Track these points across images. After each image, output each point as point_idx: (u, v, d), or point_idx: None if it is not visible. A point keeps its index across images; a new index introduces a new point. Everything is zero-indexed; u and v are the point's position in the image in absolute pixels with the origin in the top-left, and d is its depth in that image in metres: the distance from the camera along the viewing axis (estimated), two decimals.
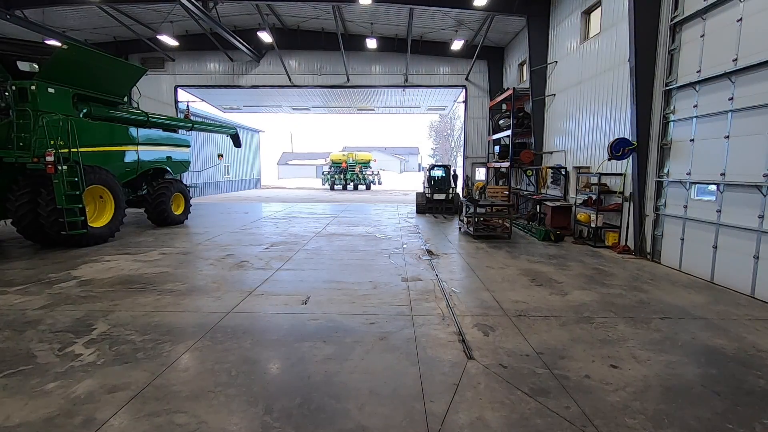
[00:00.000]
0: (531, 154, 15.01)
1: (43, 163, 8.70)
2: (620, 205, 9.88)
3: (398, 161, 73.28)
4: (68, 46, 9.67)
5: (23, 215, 8.93)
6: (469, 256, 9.12)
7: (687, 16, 7.85)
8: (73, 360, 4.07)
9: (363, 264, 8.20)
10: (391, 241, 10.78)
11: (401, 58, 20.06)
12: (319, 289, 6.51)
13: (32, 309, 5.50)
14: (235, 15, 17.83)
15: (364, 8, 16.25)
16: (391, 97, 25.46)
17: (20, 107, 9.02)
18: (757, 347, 4.58)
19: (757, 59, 6.32)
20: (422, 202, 16.84)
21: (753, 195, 6.47)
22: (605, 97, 10.55)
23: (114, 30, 18.56)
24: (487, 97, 20.36)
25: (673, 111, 8.35)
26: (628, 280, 7.27)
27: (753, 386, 3.76)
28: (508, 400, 3.45)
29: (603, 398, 3.51)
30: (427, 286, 6.79)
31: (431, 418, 3.20)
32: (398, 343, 4.54)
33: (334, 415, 3.23)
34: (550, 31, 14.14)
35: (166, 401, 3.38)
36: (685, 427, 3.15)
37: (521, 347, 4.48)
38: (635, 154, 8.95)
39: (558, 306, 5.84)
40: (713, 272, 7.23)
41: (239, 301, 5.86)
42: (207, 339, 4.59)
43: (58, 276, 7.10)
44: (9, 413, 3.20)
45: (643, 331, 4.99)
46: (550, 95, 14.13)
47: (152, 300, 5.91)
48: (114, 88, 11.34)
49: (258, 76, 21.07)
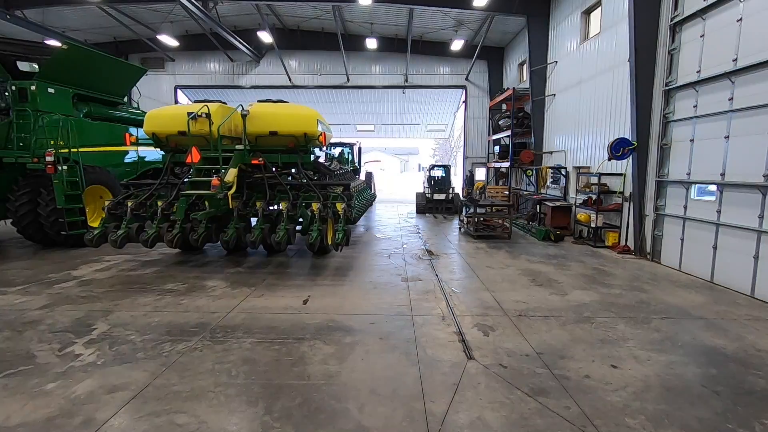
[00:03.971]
0: (531, 154, 15.01)
1: (43, 163, 8.69)
2: (620, 205, 9.88)
3: (398, 161, 73.39)
4: (68, 46, 9.66)
5: (23, 215, 8.93)
6: (469, 256, 9.12)
7: (687, 16, 7.85)
8: (73, 360, 4.07)
9: (363, 264, 8.20)
10: (390, 241, 10.78)
11: (401, 58, 20.06)
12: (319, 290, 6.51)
13: (32, 309, 5.50)
14: (235, 15, 17.82)
15: (364, 8, 16.25)
16: (390, 109, 26.22)
17: (20, 107, 9.01)
18: (757, 347, 4.58)
19: (757, 59, 6.33)
20: (422, 202, 16.84)
21: (753, 195, 6.47)
22: (605, 97, 10.55)
23: (114, 30, 18.56)
24: (487, 97, 20.36)
25: (672, 111, 8.35)
26: (628, 280, 7.27)
27: (753, 386, 3.76)
28: (508, 400, 3.45)
29: (603, 398, 3.51)
30: (427, 286, 6.79)
31: (431, 418, 3.20)
32: (398, 343, 4.54)
33: (334, 415, 3.23)
34: (550, 31, 14.14)
35: (166, 401, 3.38)
36: (685, 427, 3.15)
37: (521, 347, 4.48)
38: (635, 154, 8.96)
39: (558, 306, 5.84)
40: (713, 272, 7.23)
41: (240, 301, 5.87)
42: (207, 339, 4.59)
43: (58, 276, 7.10)
44: (9, 413, 3.20)
45: (643, 331, 4.99)
46: (550, 95, 14.13)
47: (152, 300, 5.91)
48: (114, 88, 11.33)
49: (258, 77, 21.07)
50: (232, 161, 7.58)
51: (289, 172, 9.12)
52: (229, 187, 7.21)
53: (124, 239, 7.20)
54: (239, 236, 7.43)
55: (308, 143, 8.27)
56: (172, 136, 8.00)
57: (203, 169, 7.67)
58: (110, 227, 7.42)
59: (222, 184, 7.05)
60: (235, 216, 7.58)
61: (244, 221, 7.86)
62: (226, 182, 7.15)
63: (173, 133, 7.92)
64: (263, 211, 7.63)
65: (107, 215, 7.58)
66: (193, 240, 7.17)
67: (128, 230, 7.29)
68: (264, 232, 7.32)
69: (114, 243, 7.09)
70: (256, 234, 7.22)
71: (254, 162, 7.89)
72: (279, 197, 7.89)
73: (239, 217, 7.65)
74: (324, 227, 7.41)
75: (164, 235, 7.14)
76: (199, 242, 7.21)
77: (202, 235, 7.27)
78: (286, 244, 7.22)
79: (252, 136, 8.09)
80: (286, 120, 8.06)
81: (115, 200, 7.75)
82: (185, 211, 7.36)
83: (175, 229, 7.21)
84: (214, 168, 7.57)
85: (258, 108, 8.12)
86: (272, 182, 8.16)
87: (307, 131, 8.05)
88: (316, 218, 7.34)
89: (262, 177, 8.06)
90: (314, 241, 6.99)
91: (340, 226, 7.40)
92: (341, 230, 7.31)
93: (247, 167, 8.13)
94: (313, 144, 8.42)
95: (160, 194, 7.91)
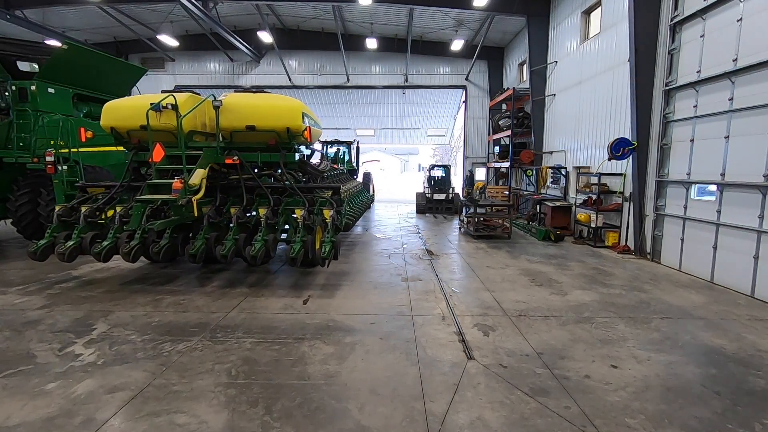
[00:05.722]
0: (531, 154, 15.01)
1: (43, 163, 8.69)
2: (620, 205, 9.88)
3: (398, 161, 73.37)
4: (68, 46, 9.67)
5: (23, 215, 8.94)
6: (469, 256, 9.12)
7: (687, 16, 7.85)
8: (73, 360, 4.07)
9: (363, 264, 8.20)
10: (390, 241, 10.78)
11: (401, 58, 20.07)
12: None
13: (32, 309, 5.50)
14: (235, 15, 17.83)
15: (364, 8, 16.25)
16: (390, 112, 26.32)
17: (20, 107, 9.02)
18: (757, 347, 4.58)
19: (757, 59, 6.33)
20: (422, 202, 16.85)
21: (753, 195, 6.47)
22: (605, 97, 10.55)
23: (114, 30, 18.56)
24: (487, 97, 20.36)
25: (673, 111, 8.35)
26: (628, 280, 7.27)
27: (753, 386, 3.76)
28: (508, 400, 3.45)
29: (603, 398, 3.51)
30: (427, 286, 6.79)
31: (431, 418, 3.20)
32: (398, 343, 4.54)
33: (333, 415, 3.23)
34: (550, 31, 14.15)
35: (166, 401, 3.38)
36: (685, 427, 3.15)
37: (521, 347, 4.48)
38: (635, 154, 8.96)
39: (558, 306, 5.84)
40: (713, 272, 7.23)
41: (240, 301, 5.87)
42: (207, 339, 4.59)
43: (58, 276, 7.10)
44: (9, 413, 3.20)
45: (643, 331, 4.99)
46: (550, 95, 14.13)
47: (152, 300, 5.91)
48: (114, 88, 11.33)
49: (258, 77, 21.07)
50: (200, 160, 6.57)
51: (271, 173, 7.97)
52: (196, 190, 6.23)
53: (74, 251, 6.19)
54: (210, 248, 6.35)
55: (292, 139, 7.19)
56: (134, 131, 6.93)
57: (166, 169, 6.64)
58: (60, 237, 6.40)
59: (186, 187, 6.05)
60: (206, 224, 6.50)
61: (217, 230, 6.74)
62: (191, 185, 6.15)
63: (135, 128, 6.85)
64: (238, 218, 6.52)
65: (57, 223, 6.54)
66: (154, 253, 6.20)
67: (80, 240, 6.27)
68: (238, 244, 6.26)
69: (61, 256, 6.09)
70: (227, 246, 6.10)
71: (228, 161, 6.83)
72: (258, 202, 7.02)
73: (210, 225, 6.58)
74: (310, 237, 6.38)
75: (121, 246, 6.10)
76: (160, 256, 6.26)
77: (165, 248, 6.31)
78: (263, 259, 6.15)
79: (226, 132, 7.02)
80: (265, 112, 6.96)
81: (67, 205, 6.76)
82: (147, 219, 6.28)
83: (133, 240, 6.20)
84: (178, 168, 6.50)
85: (233, 99, 7.03)
86: (250, 185, 7.18)
87: (291, 126, 7.00)
88: (299, 227, 6.42)
89: (238, 179, 7.10)
90: (296, 255, 5.94)
91: (328, 237, 6.49)
92: (328, 242, 6.39)
93: (220, 167, 7.12)
94: (298, 141, 7.36)
95: (122, 198, 6.98)
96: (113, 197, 6.95)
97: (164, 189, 6.25)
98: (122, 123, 6.97)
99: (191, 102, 6.88)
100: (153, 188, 6.40)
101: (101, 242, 6.27)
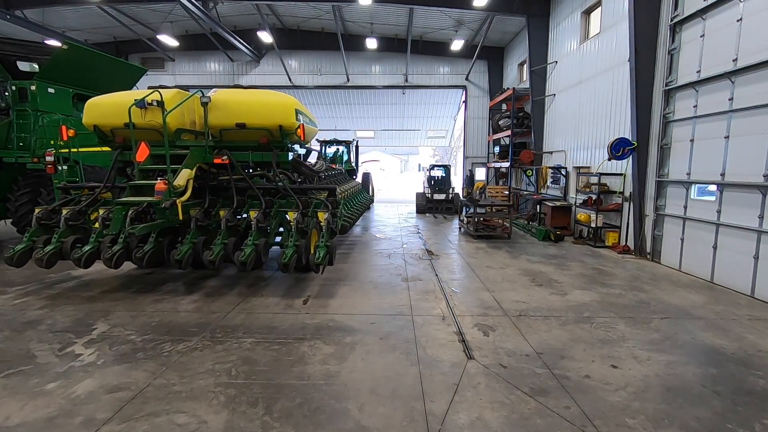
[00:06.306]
0: (531, 154, 15.01)
1: (43, 163, 8.69)
2: (620, 205, 9.88)
3: (398, 161, 73.37)
4: (68, 46, 9.66)
5: (23, 215, 8.94)
6: (469, 256, 9.12)
7: (687, 16, 7.85)
8: (73, 360, 4.07)
9: (363, 264, 8.20)
10: (390, 241, 10.78)
11: (401, 58, 20.06)
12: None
13: (32, 309, 5.50)
14: (235, 15, 17.83)
15: (364, 8, 16.25)
16: (390, 113, 26.39)
17: (20, 107, 9.02)
18: (757, 347, 4.58)
19: (757, 59, 6.32)
20: (422, 202, 16.85)
21: (753, 195, 6.47)
22: (605, 97, 10.55)
23: (114, 30, 18.56)
24: (487, 97, 20.36)
25: (672, 111, 8.35)
26: (628, 280, 7.27)
27: (753, 386, 3.76)
28: (508, 400, 3.45)
29: (603, 398, 3.51)
30: (427, 286, 6.79)
31: (431, 418, 3.20)
32: (398, 343, 4.54)
33: (333, 415, 3.23)
34: (550, 31, 14.15)
35: (167, 401, 3.38)
36: (685, 427, 3.15)
37: (521, 347, 4.48)
38: (635, 154, 8.96)
39: (558, 306, 5.84)
40: (713, 272, 7.23)
41: (240, 301, 5.87)
42: (207, 338, 4.59)
43: (58, 276, 7.10)
44: (9, 413, 3.20)
45: (643, 331, 4.99)
46: (550, 95, 14.13)
47: (152, 300, 5.91)
48: (114, 88, 11.23)
49: (258, 77, 21.06)
50: (187, 160, 6.26)
51: (263, 173, 7.68)
52: (181, 192, 5.96)
53: (53, 256, 5.86)
54: (197, 253, 6.05)
55: (285, 138, 6.87)
56: (118, 129, 6.58)
57: (151, 170, 6.39)
58: (39, 241, 6.08)
59: (170, 188, 5.76)
60: (193, 228, 6.24)
61: (205, 234, 6.47)
62: (176, 186, 5.86)
63: (119, 126, 6.47)
64: (227, 222, 6.23)
65: (36, 226, 6.23)
66: (137, 258, 5.92)
67: (60, 245, 5.94)
68: (227, 249, 5.97)
69: (39, 262, 5.74)
70: (215, 251, 5.79)
71: (217, 161, 6.55)
72: (249, 204, 6.80)
73: (198, 229, 6.31)
74: (303, 242, 6.11)
75: (102, 251, 5.80)
76: (144, 261, 5.95)
77: (149, 253, 6.01)
78: (254, 265, 5.84)
79: (216, 130, 6.69)
80: (256, 109, 6.64)
81: (48, 207, 6.44)
82: (132, 222, 5.93)
83: (116, 244, 5.93)
84: (163, 168, 6.20)
85: (222, 95, 6.69)
86: (241, 186, 6.94)
87: (283, 123, 6.68)
88: (292, 231, 6.16)
89: (228, 180, 6.82)
90: (289, 261, 5.70)
91: (322, 242, 6.21)
92: (322, 246, 6.11)
93: (209, 167, 6.86)
94: (291, 139, 7.04)
95: (106, 201, 6.70)
96: (96, 199, 6.68)
97: (148, 191, 6.00)
98: (105, 120, 6.60)
99: (178, 98, 6.59)
100: (136, 190, 6.15)
101: (82, 247, 5.98)
